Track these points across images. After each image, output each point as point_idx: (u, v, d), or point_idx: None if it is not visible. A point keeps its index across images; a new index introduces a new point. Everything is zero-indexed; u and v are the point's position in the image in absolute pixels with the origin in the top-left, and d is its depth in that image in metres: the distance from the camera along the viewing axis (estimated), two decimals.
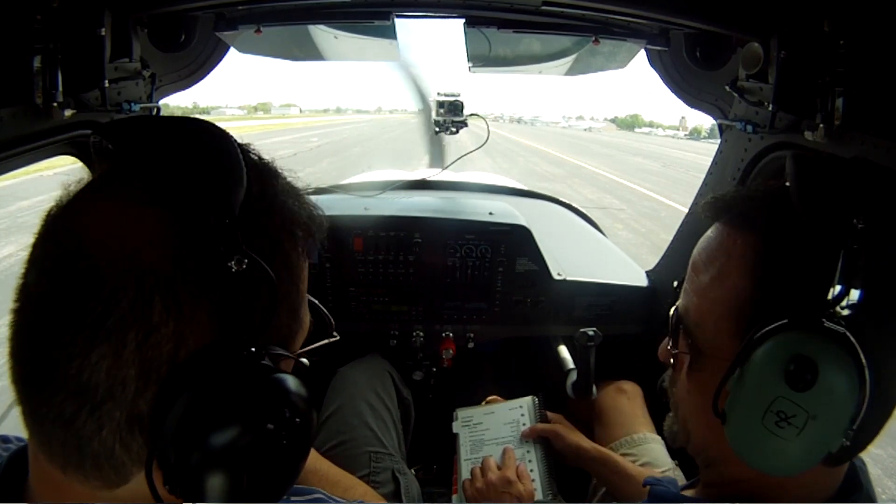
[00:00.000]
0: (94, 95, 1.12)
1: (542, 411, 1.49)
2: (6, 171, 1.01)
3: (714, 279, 0.60)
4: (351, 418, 1.45)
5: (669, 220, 10.07)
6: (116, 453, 0.42)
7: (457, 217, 1.69)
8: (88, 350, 0.40)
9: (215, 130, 0.48)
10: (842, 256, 0.49)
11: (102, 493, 0.45)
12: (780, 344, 0.51)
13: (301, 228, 0.51)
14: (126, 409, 0.41)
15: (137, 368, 0.40)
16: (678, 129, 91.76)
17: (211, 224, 0.42)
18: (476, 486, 1.28)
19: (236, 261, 0.42)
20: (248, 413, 0.42)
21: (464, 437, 1.49)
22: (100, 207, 0.44)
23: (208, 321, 0.42)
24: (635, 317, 1.77)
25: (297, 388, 0.44)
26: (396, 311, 1.74)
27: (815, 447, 0.52)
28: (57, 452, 0.43)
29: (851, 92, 0.96)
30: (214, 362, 0.42)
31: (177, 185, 0.43)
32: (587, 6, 1.26)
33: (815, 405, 0.50)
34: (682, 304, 0.65)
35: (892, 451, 3.38)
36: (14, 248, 6.72)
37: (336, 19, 1.44)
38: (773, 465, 0.53)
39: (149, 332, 0.40)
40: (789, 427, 0.50)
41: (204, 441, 0.41)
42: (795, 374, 0.49)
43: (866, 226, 0.48)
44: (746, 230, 0.58)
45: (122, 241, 0.41)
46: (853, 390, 0.50)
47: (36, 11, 0.94)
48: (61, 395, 0.41)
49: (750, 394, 0.53)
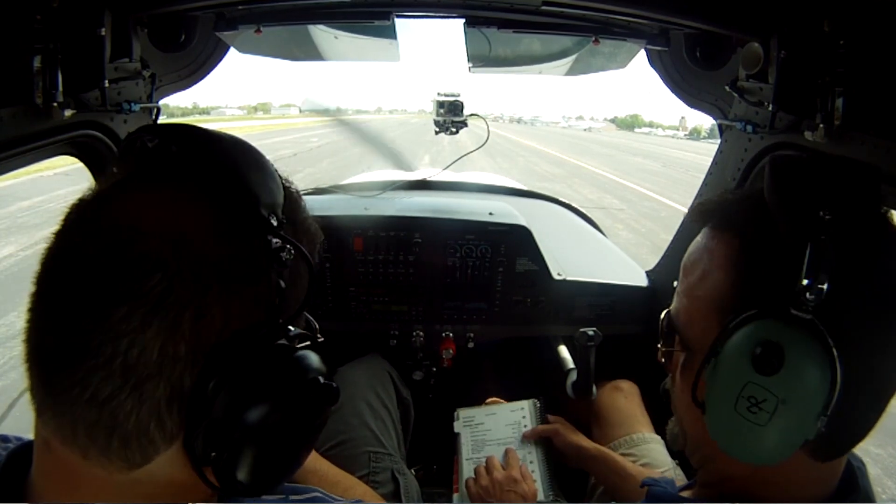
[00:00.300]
0: (94, 95, 1.12)
1: (544, 415, 1.49)
2: (6, 171, 1.01)
3: (699, 279, 0.62)
4: (350, 418, 1.45)
5: (669, 220, 10.07)
6: (151, 431, 0.44)
7: (457, 217, 1.69)
8: (145, 327, 0.42)
9: (254, 147, 0.53)
10: (809, 247, 0.50)
11: (119, 476, 0.46)
12: (748, 331, 0.53)
13: (312, 243, 0.57)
14: (171, 385, 0.43)
15: (188, 345, 0.43)
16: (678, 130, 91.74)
17: (264, 219, 0.48)
18: (481, 484, 1.28)
19: (287, 252, 0.47)
20: (279, 386, 0.47)
21: (465, 437, 1.49)
22: (149, 198, 0.47)
23: (253, 305, 0.47)
24: (635, 317, 1.77)
25: (317, 363, 0.50)
26: (396, 311, 1.74)
27: (790, 433, 0.53)
28: (81, 436, 0.44)
29: (851, 92, 0.96)
30: (252, 341, 0.46)
31: (231, 184, 0.48)
32: (587, 6, 1.26)
33: (784, 389, 0.51)
34: (674, 306, 0.67)
35: (892, 451, 3.38)
36: (14, 248, 6.72)
37: (336, 19, 1.44)
38: (751, 452, 0.54)
39: (203, 312, 0.44)
40: (761, 412, 0.52)
41: (243, 412, 0.45)
42: (762, 359, 0.51)
43: (833, 217, 0.50)
44: (726, 231, 0.61)
45: (178, 229, 0.44)
46: (823, 375, 0.50)
47: (36, 11, 0.94)
48: (100, 374, 0.42)
49: (723, 381, 0.55)
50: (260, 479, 0.47)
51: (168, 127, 0.52)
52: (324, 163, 17.71)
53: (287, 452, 0.49)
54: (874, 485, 0.66)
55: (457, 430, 1.51)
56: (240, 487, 0.47)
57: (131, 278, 0.42)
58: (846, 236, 0.51)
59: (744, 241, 0.59)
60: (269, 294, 0.48)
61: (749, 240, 0.58)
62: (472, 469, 1.39)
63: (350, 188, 2.14)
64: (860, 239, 0.53)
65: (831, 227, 0.50)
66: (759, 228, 0.57)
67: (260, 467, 0.47)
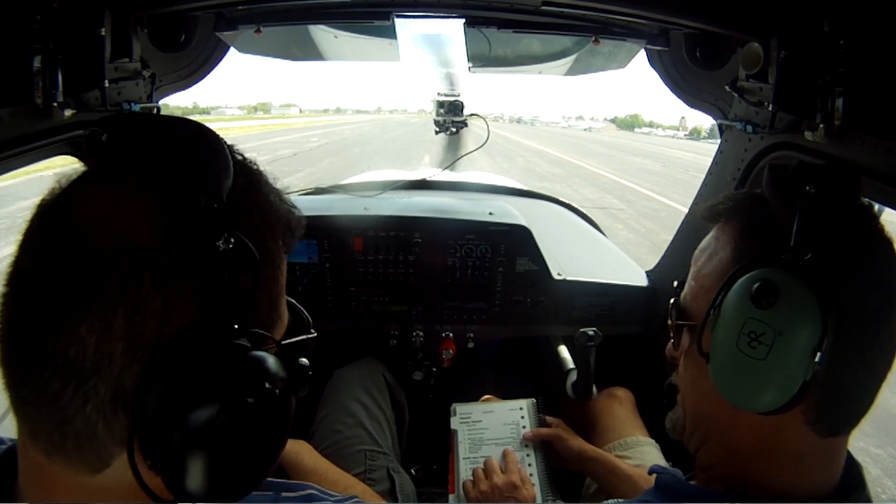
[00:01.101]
0: (94, 95, 1.12)
1: (542, 415, 1.49)
2: (6, 171, 1.01)
3: (705, 261, 0.69)
4: (346, 418, 1.46)
5: (669, 220, 10.07)
6: (99, 433, 0.43)
7: (457, 217, 1.69)
8: (77, 324, 0.41)
9: (204, 128, 0.50)
10: (798, 213, 0.57)
11: (85, 480, 0.45)
12: (746, 277, 0.60)
13: (281, 223, 0.53)
14: (111, 385, 0.42)
15: (125, 343, 0.41)
16: (678, 130, 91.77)
17: (200, 206, 0.44)
18: (480, 489, 1.28)
19: (223, 240, 0.44)
20: (227, 389, 0.43)
21: (462, 435, 1.48)
22: (93, 194, 0.45)
23: (195, 300, 0.44)
24: (635, 317, 1.77)
25: (275, 367, 0.46)
26: (396, 311, 1.74)
27: (789, 368, 0.56)
28: (41, 435, 0.44)
29: (851, 92, 0.96)
30: (198, 340, 0.43)
31: (167, 172, 0.45)
32: (587, 6, 1.26)
33: (780, 321, 0.56)
34: (684, 292, 0.72)
35: (892, 451, 3.38)
36: (14, 248, 6.72)
37: (336, 19, 1.44)
38: (752, 392, 0.58)
39: (137, 307, 0.42)
40: (760, 346, 0.57)
41: (185, 417, 0.42)
42: (759, 294, 0.57)
43: (817, 191, 0.57)
44: (731, 219, 0.68)
45: (114, 222, 0.43)
46: (814, 312, 0.56)
47: (36, 11, 0.94)
48: (47, 372, 0.42)
49: (726, 322, 0.60)
50: (212, 490, 0.44)
51: (116, 118, 0.50)
52: (324, 163, 17.71)
53: (239, 462, 0.45)
54: (874, 485, 0.66)
55: (454, 426, 1.50)
56: (190, 498, 0.44)
57: (64, 276, 0.42)
58: (829, 204, 0.58)
59: (743, 222, 0.66)
60: (215, 288, 0.44)
61: (747, 220, 0.66)
62: (468, 469, 1.38)
63: (350, 188, 2.14)
64: (842, 207, 0.60)
65: (816, 198, 0.57)
66: (756, 212, 0.65)
67: (208, 477, 0.43)
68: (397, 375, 1.73)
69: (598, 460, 1.31)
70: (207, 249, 0.44)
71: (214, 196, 0.45)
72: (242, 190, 0.49)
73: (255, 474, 0.47)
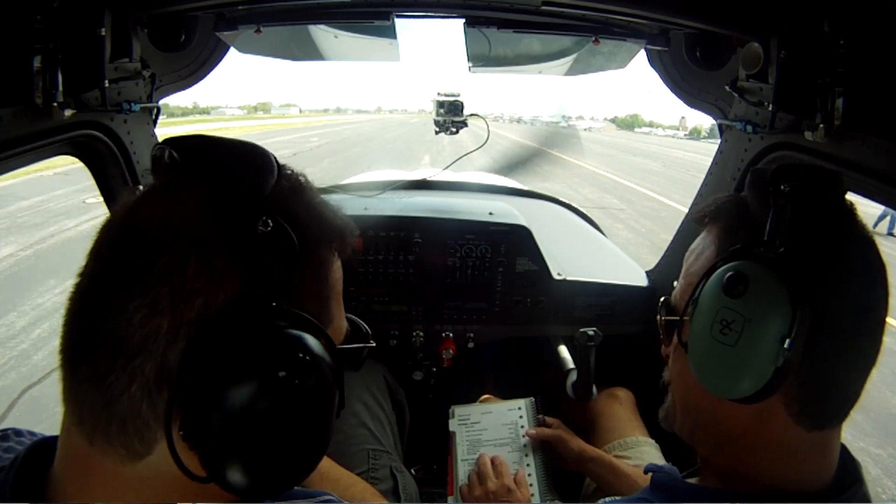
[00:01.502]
0: (94, 95, 1.12)
1: (540, 415, 1.49)
2: (6, 171, 1.01)
3: (693, 261, 0.71)
4: (348, 417, 1.46)
5: (669, 220, 10.07)
6: (143, 412, 0.45)
7: (457, 217, 1.69)
8: (127, 303, 0.44)
9: (251, 143, 0.56)
10: (772, 210, 0.60)
11: (124, 469, 0.46)
12: (721, 270, 0.62)
13: (329, 227, 0.57)
14: (157, 363, 0.44)
15: (170, 319, 0.44)
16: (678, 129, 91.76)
17: (242, 196, 0.49)
18: (474, 494, 1.29)
19: (262, 223, 0.48)
20: (262, 362, 0.45)
21: (460, 437, 1.48)
22: (152, 196, 0.52)
23: (237, 281, 0.47)
24: (635, 317, 1.77)
25: (313, 344, 0.48)
26: (396, 311, 1.74)
27: (758, 355, 0.58)
28: (88, 418, 0.46)
29: (851, 92, 0.96)
30: (238, 316, 0.46)
31: (217, 173, 0.51)
32: (587, 6, 1.26)
33: (749, 309, 0.59)
34: (674, 291, 0.75)
35: (892, 451, 3.38)
36: (14, 248, 6.72)
37: (336, 19, 1.44)
38: (725, 379, 0.60)
39: (182, 285, 0.45)
40: (731, 332, 0.59)
41: (225, 391, 0.44)
42: (730, 284, 0.60)
43: (791, 189, 0.59)
44: (716, 221, 0.70)
45: (166, 215, 0.48)
46: (782, 300, 0.57)
47: (36, 11, 0.94)
48: (100, 350, 0.45)
49: (701, 311, 0.63)
50: (258, 473, 0.45)
51: (178, 139, 0.54)
52: (324, 163, 17.70)
53: (284, 443, 0.47)
54: (874, 485, 0.66)
55: (452, 428, 1.49)
56: (233, 481, 0.45)
57: (120, 258, 0.46)
58: (803, 202, 0.60)
59: (726, 223, 0.69)
60: (255, 270, 0.47)
61: (730, 221, 0.68)
62: (466, 471, 1.38)
63: (350, 188, 2.14)
64: (816, 204, 0.62)
65: (790, 195, 0.59)
66: (738, 213, 0.68)
67: (249, 456, 0.45)
68: (397, 375, 1.73)
69: (597, 460, 1.31)
70: (248, 234, 0.48)
71: (255, 188, 0.51)
72: (287, 190, 0.54)
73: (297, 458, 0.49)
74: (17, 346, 4.32)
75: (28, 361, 4.10)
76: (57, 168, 11.66)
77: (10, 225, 7.94)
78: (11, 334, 4.48)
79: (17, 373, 3.95)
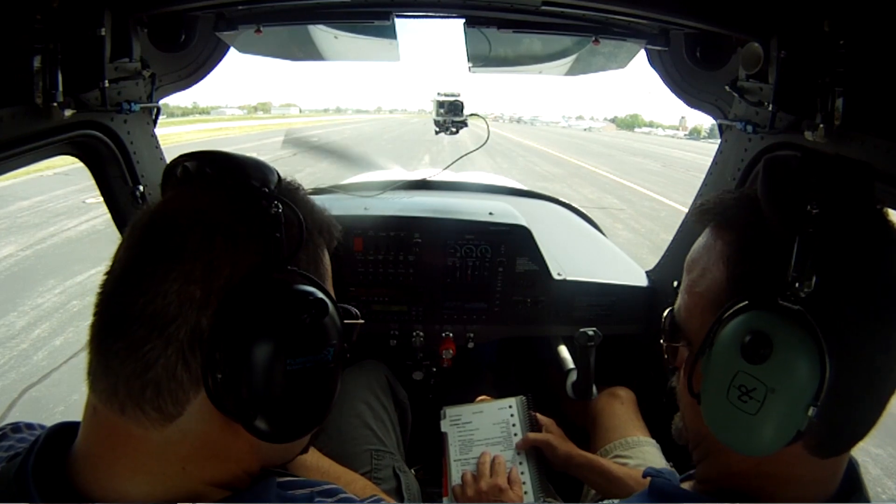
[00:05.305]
0: (94, 95, 1.12)
1: (532, 413, 1.48)
2: (6, 171, 1.01)
3: (698, 276, 0.64)
4: (351, 418, 1.46)
5: (669, 220, 10.07)
6: (178, 372, 0.51)
7: (457, 217, 1.69)
8: (165, 276, 0.51)
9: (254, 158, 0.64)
10: (797, 241, 0.51)
11: (155, 435, 0.52)
12: (738, 322, 0.55)
13: (318, 220, 0.65)
14: (190, 327, 0.51)
15: (202, 289, 0.51)
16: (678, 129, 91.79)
17: (254, 188, 0.58)
18: (467, 494, 1.29)
19: (273, 206, 0.57)
20: (281, 310, 0.53)
21: (452, 437, 1.48)
22: (177, 194, 0.60)
23: (255, 255, 0.55)
24: (635, 317, 1.77)
25: (323, 293, 0.57)
26: (396, 311, 1.74)
27: (781, 423, 0.53)
28: (121, 389, 0.51)
29: (851, 92, 0.96)
30: (261, 279, 0.54)
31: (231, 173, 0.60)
32: (587, 6, 1.26)
33: (773, 378, 0.52)
34: (677, 303, 0.69)
35: (892, 451, 3.38)
36: (14, 248, 6.71)
37: (336, 19, 1.44)
38: (744, 441, 0.55)
39: (211, 260, 0.52)
40: (751, 401, 0.53)
41: (252, 345, 0.51)
42: (751, 348, 0.52)
43: (820, 211, 0.51)
44: (723, 228, 0.63)
45: (193, 206, 0.56)
46: (812, 365, 0.51)
47: (36, 11, 0.94)
48: (136, 324, 0.50)
49: (715, 370, 0.56)
50: (286, 414, 0.53)
51: (190, 154, 0.64)
52: (324, 163, 17.69)
53: (307, 382, 0.54)
54: (874, 485, 0.66)
55: (444, 429, 1.50)
56: (261, 425, 0.52)
57: (158, 243, 0.53)
58: (834, 230, 0.52)
59: (738, 236, 0.61)
60: (269, 245, 0.55)
61: (742, 235, 0.60)
62: (459, 471, 1.38)
63: (350, 188, 2.13)
64: (848, 232, 0.53)
65: (819, 221, 0.51)
66: (752, 225, 0.59)
67: (282, 401, 0.52)
68: (397, 375, 1.73)
69: (587, 466, 1.31)
70: (262, 216, 0.56)
71: (264, 182, 0.60)
72: (285, 188, 0.63)
73: (318, 398, 0.57)
74: (17, 346, 4.32)
75: (28, 361, 4.09)
76: (57, 168, 11.65)
77: (9, 225, 7.93)
78: (11, 334, 4.48)
79: (17, 373, 3.95)
